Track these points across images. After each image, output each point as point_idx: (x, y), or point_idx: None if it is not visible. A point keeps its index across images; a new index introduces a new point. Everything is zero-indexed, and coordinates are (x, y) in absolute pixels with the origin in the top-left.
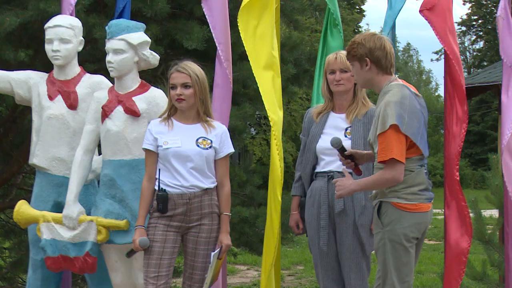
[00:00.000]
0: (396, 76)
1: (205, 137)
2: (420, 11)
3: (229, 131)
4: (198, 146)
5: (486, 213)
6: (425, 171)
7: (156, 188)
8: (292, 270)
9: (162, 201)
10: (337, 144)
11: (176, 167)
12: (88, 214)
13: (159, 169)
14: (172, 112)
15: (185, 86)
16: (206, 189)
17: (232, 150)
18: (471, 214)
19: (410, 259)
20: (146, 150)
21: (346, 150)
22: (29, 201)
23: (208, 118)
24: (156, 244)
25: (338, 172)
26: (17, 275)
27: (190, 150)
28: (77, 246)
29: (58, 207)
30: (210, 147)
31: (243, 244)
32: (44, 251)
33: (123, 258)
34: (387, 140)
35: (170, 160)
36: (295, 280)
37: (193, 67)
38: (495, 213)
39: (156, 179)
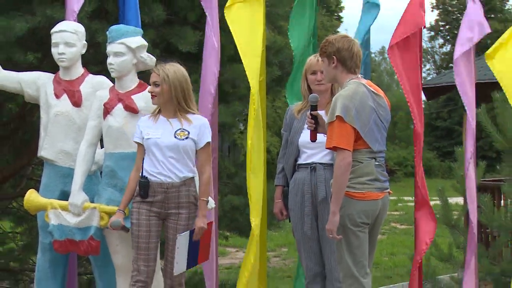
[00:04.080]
0: (360, 75)
1: (183, 129)
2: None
3: (219, 127)
4: (175, 137)
5: (452, 200)
6: (377, 163)
7: (140, 175)
8: (277, 252)
9: (143, 187)
10: (314, 99)
11: (156, 156)
12: (92, 202)
13: (143, 158)
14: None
15: (155, 84)
16: (184, 180)
17: (209, 139)
18: (438, 202)
19: (361, 242)
20: (136, 143)
21: (316, 111)
22: (38, 190)
23: (189, 113)
24: (142, 229)
25: (320, 163)
26: (28, 257)
27: (168, 141)
28: (82, 230)
29: (64, 195)
30: (187, 137)
31: (233, 229)
32: (52, 235)
33: (124, 242)
34: (332, 130)
35: (151, 149)
36: (280, 261)
37: (167, 68)
38: (460, 200)
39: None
